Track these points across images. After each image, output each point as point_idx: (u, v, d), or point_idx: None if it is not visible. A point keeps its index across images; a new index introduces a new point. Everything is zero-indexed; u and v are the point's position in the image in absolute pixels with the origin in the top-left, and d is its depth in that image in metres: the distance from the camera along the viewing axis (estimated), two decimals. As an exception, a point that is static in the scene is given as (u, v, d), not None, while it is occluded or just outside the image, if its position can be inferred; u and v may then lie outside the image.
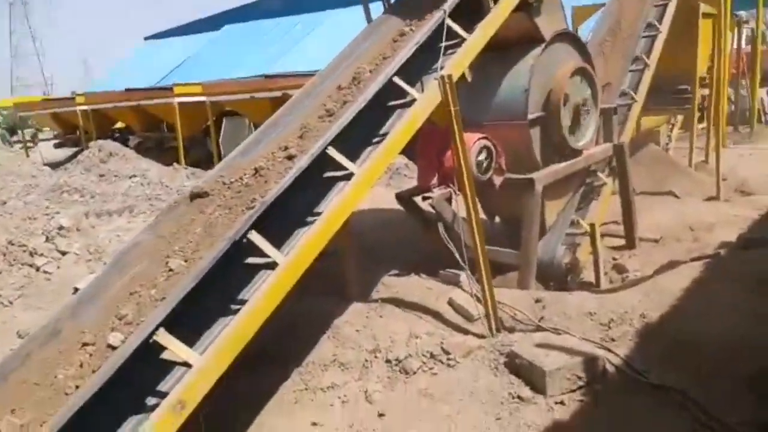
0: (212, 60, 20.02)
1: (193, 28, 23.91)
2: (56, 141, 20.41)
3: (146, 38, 27.11)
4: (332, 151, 3.30)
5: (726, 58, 13.30)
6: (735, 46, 15.45)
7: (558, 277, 5.55)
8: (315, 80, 4.37)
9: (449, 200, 4.81)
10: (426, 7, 4.51)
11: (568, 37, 5.45)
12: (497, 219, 6.13)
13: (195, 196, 3.59)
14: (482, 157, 4.82)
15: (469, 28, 4.30)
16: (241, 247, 2.91)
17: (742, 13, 16.83)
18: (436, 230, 4.67)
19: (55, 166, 15.73)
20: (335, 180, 3.35)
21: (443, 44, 3.98)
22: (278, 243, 3.04)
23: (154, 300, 2.88)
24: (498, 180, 5.04)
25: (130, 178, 11.00)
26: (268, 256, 2.85)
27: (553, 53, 5.27)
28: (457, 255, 4.52)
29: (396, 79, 3.74)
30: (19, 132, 21.92)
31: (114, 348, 2.68)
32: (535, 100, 5.17)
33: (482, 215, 6.33)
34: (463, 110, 5.51)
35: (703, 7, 8.67)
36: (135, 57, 26.13)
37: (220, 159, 14.80)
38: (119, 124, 18.43)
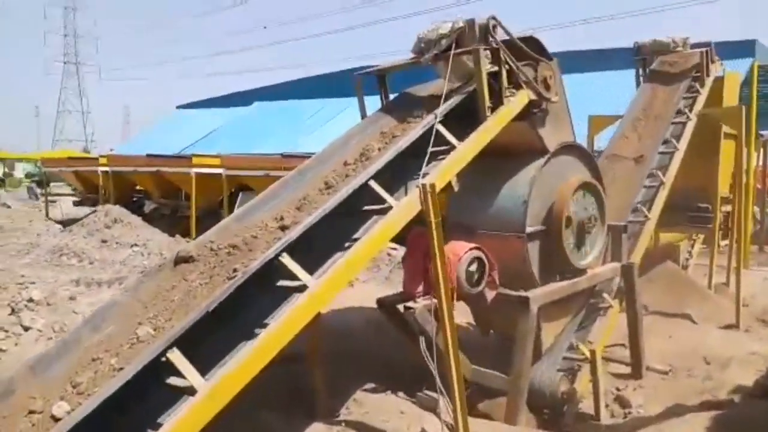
0: (238, 134, 20.35)
1: (225, 102, 24.57)
2: (75, 199, 20.61)
3: (178, 107, 27.92)
4: (286, 259, 2.96)
5: (750, 177, 13.04)
6: (760, 165, 15.16)
7: (553, 407, 5.01)
8: (299, 171, 4.09)
9: (436, 312, 4.43)
10: (425, 106, 4.29)
11: (575, 149, 5.17)
12: (492, 332, 5.68)
13: (180, 260, 3.46)
14: (473, 268, 4.46)
15: (464, 134, 4.03)
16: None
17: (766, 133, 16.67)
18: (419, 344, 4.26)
19: (68, 224, 15.72)
20: (290, 290, 2.99)
21: (430, 149, 3.69)
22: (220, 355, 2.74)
23: (112, 369, 2.73)
24: (490, 294, 4.64)
25: (132, 246, 10.81)
26: (186, 379, 2.48)
27: (557, 165, 4.98)
28: (436, 376, 4.09)
29: (372, 184, 3.44)
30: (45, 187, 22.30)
31: (57, 420, 2.51)
32: (535, 213, 4.83)
33: (468, 327, 5.96)
34: (456, 213, 5.27)
35: (726, 128, 8.41)
36: (165, 124, 26.80)
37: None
38: (140, 187, 18.61)
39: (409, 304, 4.40)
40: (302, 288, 2.90)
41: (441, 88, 4.54)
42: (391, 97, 4.83)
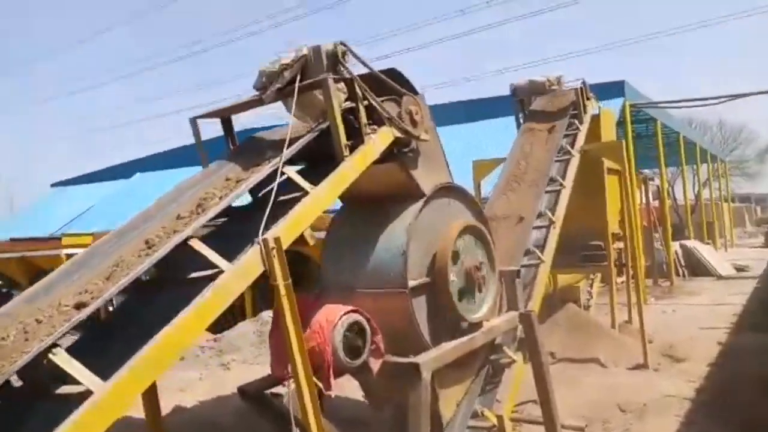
0: (117, 209, 18.84)
1: (106, 175, 22.97)
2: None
3: (53, 185, 25.88)
4: (60, 356, 2.14)
5: (636, 213, 13.34)
6: (644, 201, 15.70)
7: (461, 490, 4.30)
8: (118, 231, 3.27)
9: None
10: (279, 149, 3.64)
11: (454, 191, 4.67)
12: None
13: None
14: (351, 335, 3.76)
15: (322, 180, 3.40)
16: None
17: (647, 171, 17.47)
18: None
19: None
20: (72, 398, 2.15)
21: (272, 197, 3.01)
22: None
23: None
24: (375, 364, 3.94)
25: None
26: None
27: (436, 210, 4.44)
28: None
29: (194, 242, 2.71)
30: None
31: None
32: (417, 264, 4.23)
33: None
34: (331, 271, 4.59)
35: (608, 163, 8.37)
36: (39, 203, 24.70)
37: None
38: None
39: (278, 390, 3.62)
40: (85, 395, 2.07)
41: (297, 129, 3.94)
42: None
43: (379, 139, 3.71)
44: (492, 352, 5.08)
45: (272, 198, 3.00)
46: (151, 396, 3.39)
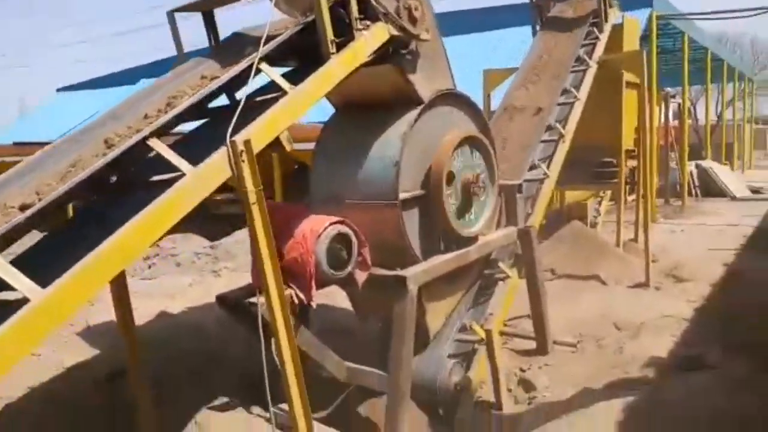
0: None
1: (110, 82, 22.47)
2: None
3: (58, 90, 25.46)
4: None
5: (653, 130, 12.87)
6: (663, 120, 15.12)
7: (446, 402, 4.29)
8: (82, 129, 3.08)
9: (292, 305, 3.57)
10: (254, 47, 3.36)
11: (456, 98, 4.38)
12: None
13: None
14: (336, 246, 3.63)
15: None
16: None
17: (670, 90, 16.73)
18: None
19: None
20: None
21: (244, 98, 2.77)
22: None
23: None
24: (361, 276, 3.84)
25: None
26: None
27: (434, 118, 4.18)
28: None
29: (154, 142, 2.50)
30: None
31: None
32: (410, 176, 4.03)
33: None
34: (320, 181, 4.40)
35: (627, 76, 7.92)
36: (45, 109, 24.36)
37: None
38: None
39: (253, 299, 3.52)
40: (22, 302, 1.95)
41: (285, 24, 3.64)
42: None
43: (372, 37, 3.41)
44: (487, 266, 4.97)
45: (244, 97, 2.76)
46: (122, 301, 3.31)
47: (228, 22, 4.06)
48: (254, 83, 3.08)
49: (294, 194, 9.89)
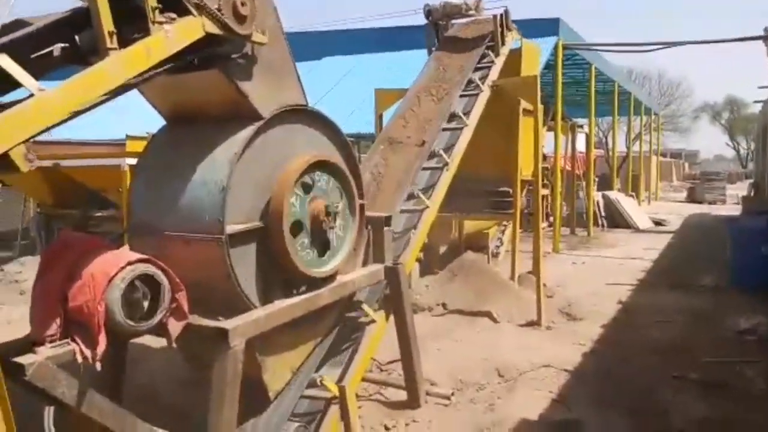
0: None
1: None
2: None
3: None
4: None
5: (557, 159, 12.83)
6: (569, 149, 15.20)
7: (285, 472, 3.61)
8: None
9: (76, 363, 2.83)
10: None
11: (308, 115, 3.78)
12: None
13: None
14: (137, 293, 2.91)
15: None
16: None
17: (582, 120, 16.95)
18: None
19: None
20: None
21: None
22: None
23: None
24: (176, 327, 3.11)
25: None
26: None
27: (278, 138, 3.55)
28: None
29: None
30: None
31: None
32: (243, 206, 3.37)
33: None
34: (138, 208, 3.68)
35: (525, 104, 7.61)
36: None
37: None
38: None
39: (21, 358, 2.74)
40: None
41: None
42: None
43: (176, 33, 2.74)
44: (350, 308, 4.35)
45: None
46: None
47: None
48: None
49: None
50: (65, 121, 2.29)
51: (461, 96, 6.47)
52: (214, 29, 2.92)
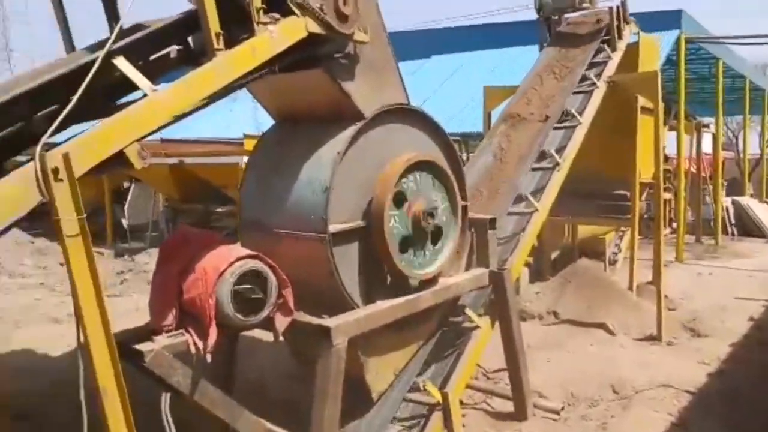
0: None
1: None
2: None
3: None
4: None
5: (681, 160, 11.97)
6: (695, 151, 14.16)
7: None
8: None
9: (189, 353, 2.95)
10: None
11: (410, 114, 3.72)
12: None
13: None
14: (245, 287, 2.98)
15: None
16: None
17: (704, 119, 15.75)
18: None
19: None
20: None
21: (77, 96, 2.15)
22: None
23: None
24: (282, 323, 3.17)
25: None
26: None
27: (380, 137, 3.52)
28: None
29: None
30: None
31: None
32: (346, 205, 3.37)
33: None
34: (250, 206, 3.77)
35: (643, 101, 7.13)
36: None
37: (115, 229, 12.76)
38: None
39: (141, 345, 2.88)
40: None
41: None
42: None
43: (281, 33, 2.78)
44: (453, 313, 4.25)
45: (77, 95, 2.14)
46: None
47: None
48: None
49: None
50: (176, 120, 2.38)
51: (574, 93, 6.18)
52: (316, 28, 2.94)
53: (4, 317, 6.53)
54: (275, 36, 2.74)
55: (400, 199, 3.52)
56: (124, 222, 12.15)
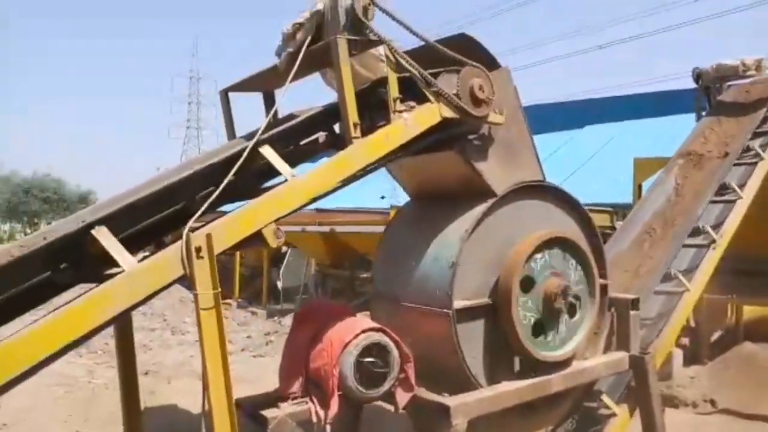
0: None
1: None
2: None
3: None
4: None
5: None
6: None
7: None
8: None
9: (311, 422, 3.08)
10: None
11: (545, 191, 3.67)
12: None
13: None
14: (369, 359, 3.08)
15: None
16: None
17: None
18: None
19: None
20: None
21: (225, 182, 2.41)
22: None
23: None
24: (403, 398, 3.22)
25: (138, 306, 10.06)
26: None
27: (512, 213, 3.52)
28: None
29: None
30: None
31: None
32: (473, 282, 3.38)
33: None
34: (380, 280, 3.90)
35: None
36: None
37: (271, 291, 13.75)
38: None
39: (266, 411, 3.06)
40: None
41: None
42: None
43: (415, 119, 2.92)
44: (588, 398, 4.02)
45: (225, 181, 2.41)
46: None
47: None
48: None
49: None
50: (314, 201, 2.58)
51: (735, 164, 5.73)
52: (450, 114, 3.06)
53: (160, 372, 7.16)
54: (409, 123, 2.89)
55: (528, 283, 3.45)
56: (279, 284, 12.98)
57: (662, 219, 5.33)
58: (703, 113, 6.72)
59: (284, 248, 13.79)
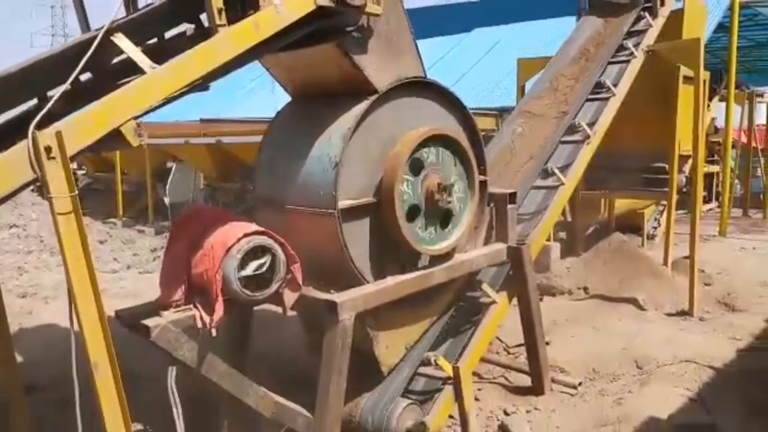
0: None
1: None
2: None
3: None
4: None
5: (729, 131, 11.48)
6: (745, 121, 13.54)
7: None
8: None
9: (197, 328, 3.02)
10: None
11: (425, 88, 3.65)
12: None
13: None
14: (255, 263, 3.02)
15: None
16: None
17: (760, 89, 15.00)
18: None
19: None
20: None
21: (73, 75, 2.18)
22: None
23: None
24: (290, 298, 3.21)
25: (10, 228, 9.37)
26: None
27: (394, 112, 3.48)
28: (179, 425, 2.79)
29: None
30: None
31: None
32: (357, 181, 3.36)
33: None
34: (263, 182, 3.81)
35: (686, 70, 6.82)
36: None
37: (156, 208, 13.27)
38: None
39: (148, 320, 2.96)
40: None
41: None
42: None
43: (286, 7, 2.75)
44: (470, 288, 4.23)
45: (74, 74, 2.17)
46: None
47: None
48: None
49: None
50: (175, 98, 2.39)
51: (610, 63, 5.97)
52: (325, 2, 2.90)
53: (39, 293, 6.81)
54: (281, 10, 2.71)
55: (417, 166, 3.48)
56: (166, 200, 12.47)
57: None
58: (583, 12, 6.87)
59: (169, 163, 13.20)
